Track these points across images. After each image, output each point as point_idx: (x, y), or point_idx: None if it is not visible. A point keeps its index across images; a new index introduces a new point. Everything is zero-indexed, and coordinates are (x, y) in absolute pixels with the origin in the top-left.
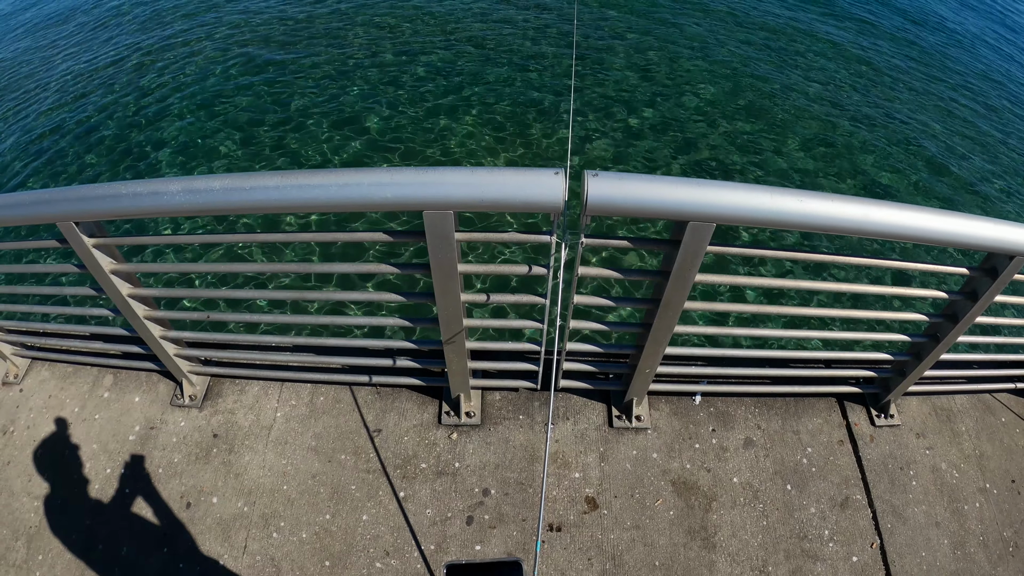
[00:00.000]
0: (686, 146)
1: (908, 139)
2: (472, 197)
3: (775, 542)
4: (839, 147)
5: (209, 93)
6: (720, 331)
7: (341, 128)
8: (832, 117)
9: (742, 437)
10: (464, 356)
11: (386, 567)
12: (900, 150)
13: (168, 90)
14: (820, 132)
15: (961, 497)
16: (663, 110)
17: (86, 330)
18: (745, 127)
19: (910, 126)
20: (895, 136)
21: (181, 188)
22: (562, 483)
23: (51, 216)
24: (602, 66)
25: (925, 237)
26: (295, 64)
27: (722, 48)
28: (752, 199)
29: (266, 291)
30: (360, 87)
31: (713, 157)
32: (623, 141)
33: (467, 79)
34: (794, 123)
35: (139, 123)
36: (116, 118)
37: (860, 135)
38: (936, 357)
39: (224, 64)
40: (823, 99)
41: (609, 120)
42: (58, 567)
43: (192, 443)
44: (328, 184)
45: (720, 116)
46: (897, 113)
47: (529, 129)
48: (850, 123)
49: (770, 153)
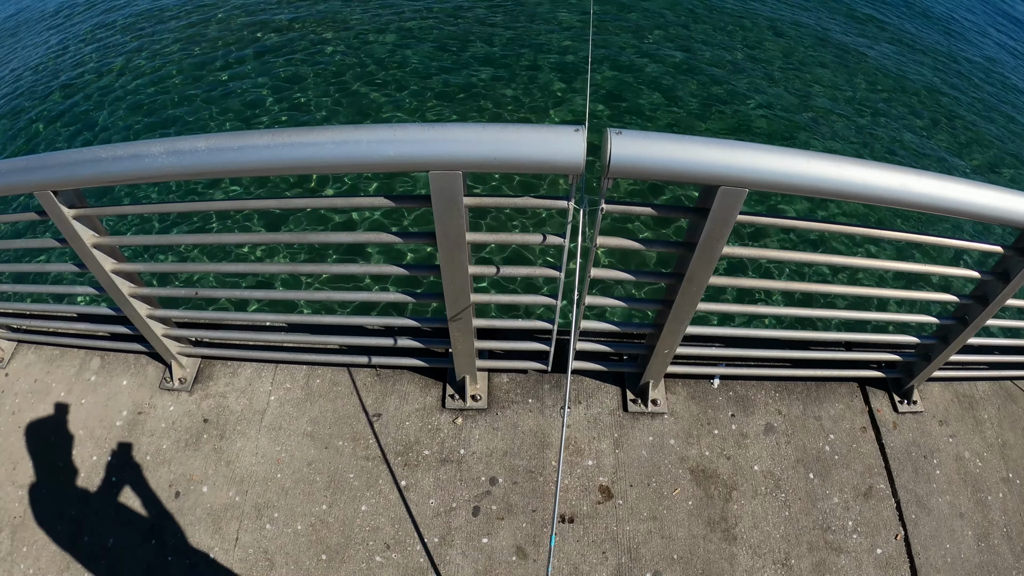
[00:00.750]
0: (708, 111)
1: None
2: (483, 156)
3: (798, 534)
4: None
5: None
6: (745, 309)
7: (342, 88)
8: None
9: (762, 423)
10: (471, 335)
11: (386, 560)
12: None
13: (160, 61)
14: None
15: (984, 487)
16: (686, 68)
17: (73, 310)
18: (786, 89)
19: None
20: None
21: (164, 150)
22: (574, 471)
23: (27, 185)
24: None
25: (963, 210)
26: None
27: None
28: (788, 163)
29: (258, 264)
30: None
31: (743, 125)
32: (640, 99)
33: (476, 31)
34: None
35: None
36: (101, 94)
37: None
38: (963, 341)
39: (225, 41)
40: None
41: (628, 77)
42: (43, 559)
43: (182, 428)
44: (324, 142)
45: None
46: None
47: (543, 86)
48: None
49: (805, 117)
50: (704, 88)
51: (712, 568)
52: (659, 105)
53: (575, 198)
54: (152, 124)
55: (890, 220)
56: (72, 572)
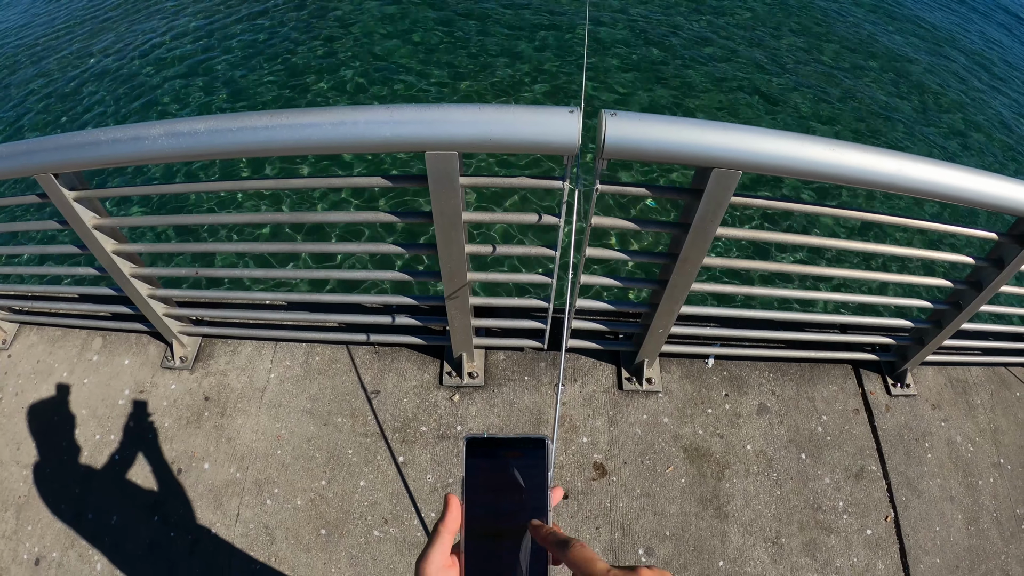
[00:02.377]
0: (697, 89)
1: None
2: (479, 136)
3: (789, 513)
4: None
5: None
6: (738, 290)
7: (335, 71)
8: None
9: (756, 403)
10: (467, 313)
11: (384, 535)
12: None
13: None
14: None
15: (975, 472)
16: (681, 49)
17: (74, 291)
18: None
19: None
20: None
21: (163, 132)
22: (569, 448)
23: (28, 168)
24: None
25: (959, 196)
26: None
27: None
28: (782, 146)
29: (257, 243)
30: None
31: (731, 104)
32: (636, 82)
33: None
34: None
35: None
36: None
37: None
38: (957, 326)
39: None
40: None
41: (623, 59)
42: (47, 537)
43: (183, 406)
44: (321, 123)
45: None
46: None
47: (537, 68)
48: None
49: (800, 103)
50: (694, 65)
51: (704, 545)
52: (649, 84)
53: (570, 178)
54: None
55: (885, 204)
56: (77, 549)
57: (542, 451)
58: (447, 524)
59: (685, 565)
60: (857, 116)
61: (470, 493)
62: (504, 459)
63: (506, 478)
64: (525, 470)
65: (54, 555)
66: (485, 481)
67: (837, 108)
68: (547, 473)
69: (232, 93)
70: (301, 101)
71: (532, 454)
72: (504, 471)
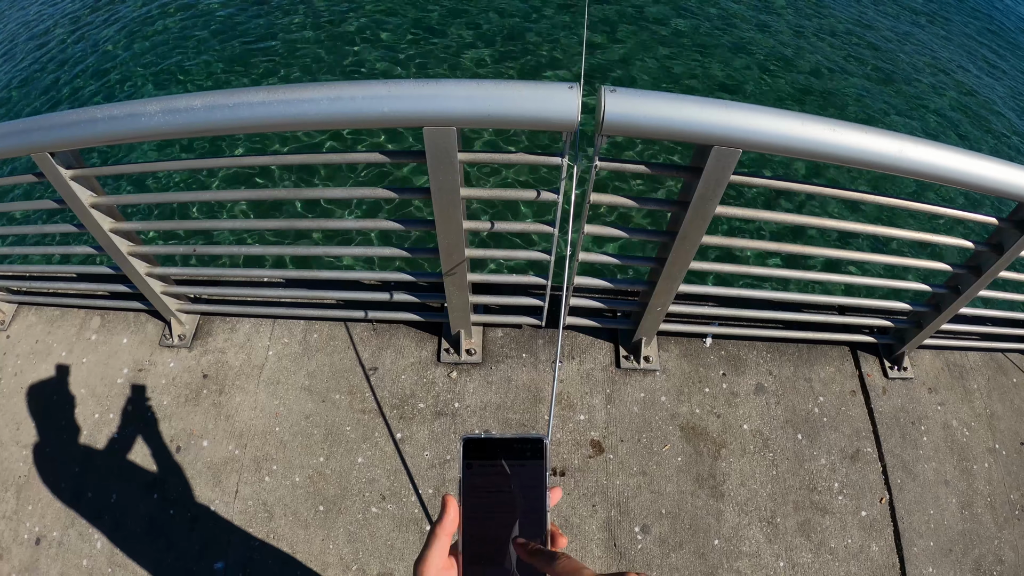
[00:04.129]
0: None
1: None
2: (477, 112)
3: (784, 493)
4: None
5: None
6: (738, 269)
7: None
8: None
9: (753, 383)
10: (465, 290)
11: (382, 512)
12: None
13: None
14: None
15: (970, 456)
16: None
17: (72, 270)
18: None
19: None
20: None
21: (160, 108)
22: (567, 425)
23: (24, 147)
24: None
25: (960, 180)
26: None
27: None
28: (783, 125)
29: (256, 220)
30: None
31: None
32: (637, 59)
33: None
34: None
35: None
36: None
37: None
38: (955, 311)
39: None
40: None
41: (623, 36)
42: (48, 516)
43: (181, 384)
44: (319, 98)
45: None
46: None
47: (536, 44)
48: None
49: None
50: (699, 40)
51: (699, 524)
52: (651, 61)
53: (569, 155)
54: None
55: (885, 186)
56: (77, 528)
57: (540, 451)
58: (444, 526)
59: (681, 543)
60: (859, 95)
61: (467, 494)
62: (501, 459)
63: (503, 479)
64: (523, 470)
65: (54, 534)
66: (482, 482)
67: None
68: (545, 473)
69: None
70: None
71: (530, 454)
72: (501, 472)
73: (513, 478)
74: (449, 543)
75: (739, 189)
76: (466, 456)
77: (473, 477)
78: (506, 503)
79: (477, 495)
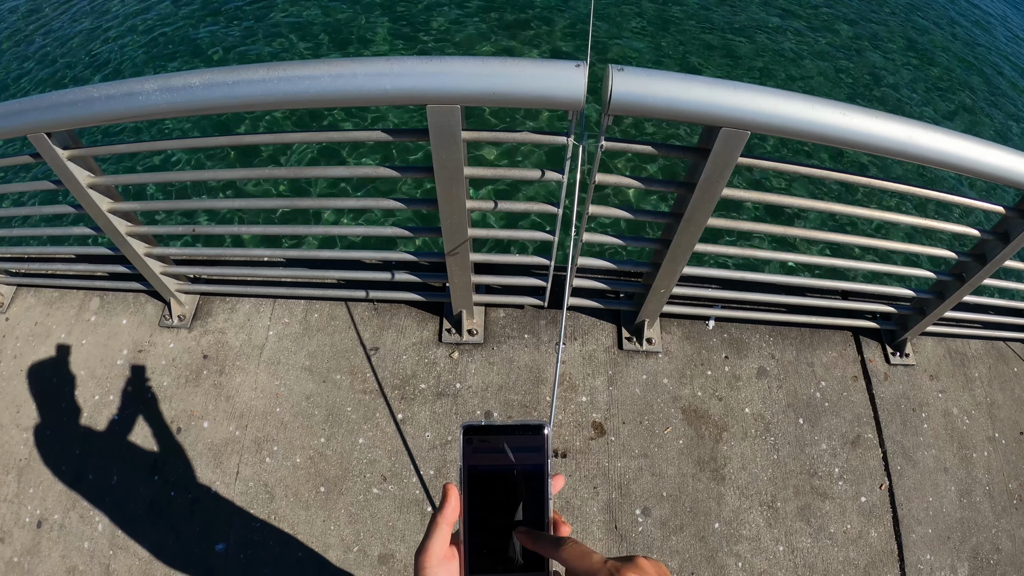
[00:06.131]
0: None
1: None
2: (481, 89)
3: (785, 477)
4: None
5: None
6: (743, 252)
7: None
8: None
9: (755, 366)
10: (468, 269)
11: (383, 492)
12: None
13: None
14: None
15: (970, 444)
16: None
17: (71, 251)
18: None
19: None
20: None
21: (158, 87)
22: (568, 407)
23: (20, 128)
24: None
25: (969, 168)
26: None
27: None
28: (792, 107)
29: (256, 199)
30: None
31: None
32: (641, 38)
33: None
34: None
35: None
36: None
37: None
38: (958, 299)
39: None
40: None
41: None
42: (49, 499)
43: (182, 365)
44: (320, 75)
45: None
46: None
47: (540, 21)
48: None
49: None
50: (708, 20)
51: (700, 506)
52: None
53: (575, 134)
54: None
55: (891, 171)
56: (78, 510)
57: (541, 437)
58: (445, 515)
59: (681, 526)
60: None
61: (468, 482)
62: (502, 446)
63: (504, 466)
64: (524, 457)
65: (55, 517)
66: (483, 469)
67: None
68: (547, 460)
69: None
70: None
71: (531, 441)
72: (502, 459)
73: (514, 465)
74: (450, 532)
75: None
76: (466, 443)
77: (473, 464)
78: (508, 491)
79: (478, 483)
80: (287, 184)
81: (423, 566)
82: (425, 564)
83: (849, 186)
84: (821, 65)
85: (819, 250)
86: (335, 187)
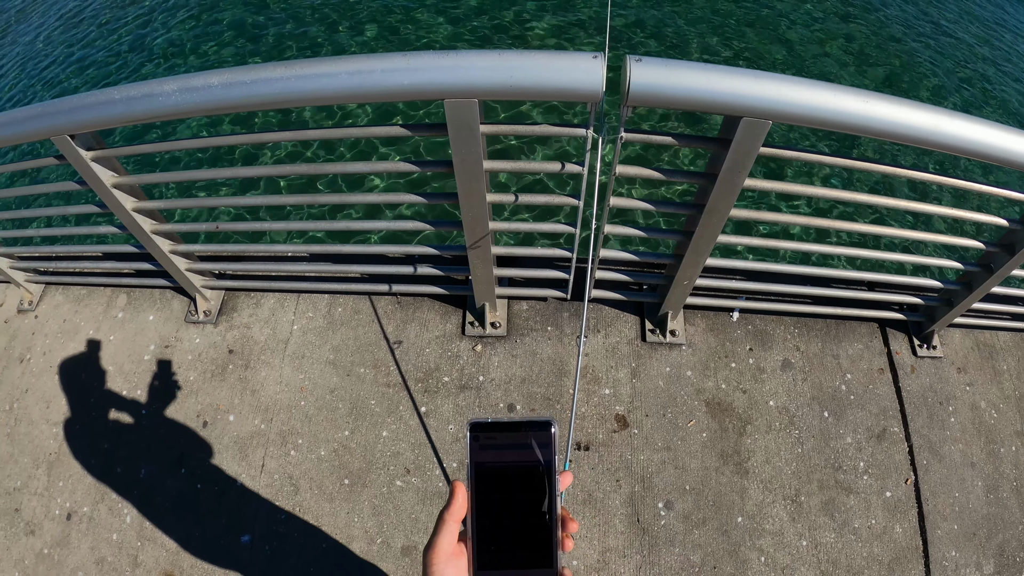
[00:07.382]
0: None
1: None
2: (499, 83)
3: (809, 471)
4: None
5: None
6: (766, 243)
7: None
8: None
9: (780, 358)
10: (490, 263)
11: (407, 485)
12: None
13: None
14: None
15: (998, 439)
16: None
17: (97, 250)
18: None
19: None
20: None
21: (177, 87)
22: (591, 399)
23: (44, 131)
24: None
25: (997, 156)
26: None
27: None
28: (814, 96)
29: (277, 196)
30: None
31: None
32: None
33: None
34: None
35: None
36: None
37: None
38: (987, 290)
39: None
40: None
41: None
42: (78, 492)
43: (208, 360)
44: (337, 72)
45: None
46: None
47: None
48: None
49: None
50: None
51: (723, 500)
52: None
53: (594, 126)
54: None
55: (916, 161)
56: (107, 503)
57: (548, 435)
58: (453, 512)
59: (704, 520)
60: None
61: (476, 479)
62: (510, 443)
63: (512, 463)
64: (531, 454)
65: (84, 509)
66: (491, 466)
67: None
68: (555, 457)
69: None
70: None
71: (539, 438)
72: (510, 456)
73: (522, 462)
74: (458, 529)
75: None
76: (473, 440)
77: (481, 462)
78: (515, 488)
79: (486, 480)
80: (306, 180)
81: (431, 563)
82: (433, 561)
83: (872, 175)
84: (842, 56)
85: (844, 241)
86: (360, 184)
